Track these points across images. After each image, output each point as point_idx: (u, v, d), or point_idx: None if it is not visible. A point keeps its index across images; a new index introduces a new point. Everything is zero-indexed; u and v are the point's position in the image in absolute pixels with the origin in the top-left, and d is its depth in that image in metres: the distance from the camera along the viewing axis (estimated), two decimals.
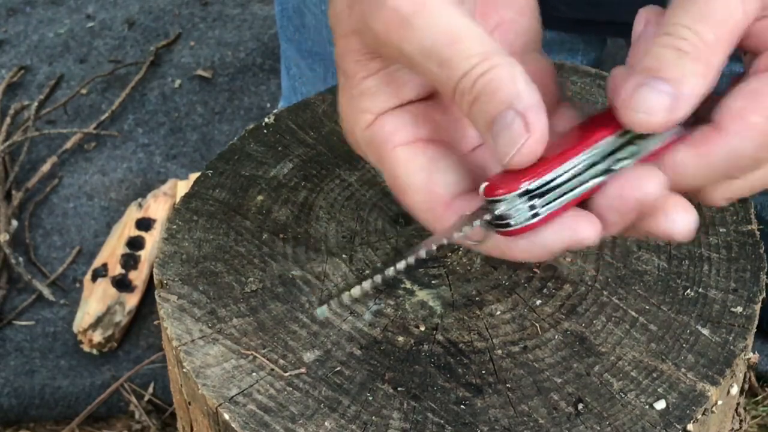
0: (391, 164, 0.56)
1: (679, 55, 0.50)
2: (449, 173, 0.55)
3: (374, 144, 0.56)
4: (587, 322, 0.64)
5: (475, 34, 0.52)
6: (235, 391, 0.61)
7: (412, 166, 0.55)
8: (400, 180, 0.55)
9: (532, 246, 0.53)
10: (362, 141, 0.57)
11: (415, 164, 0.55)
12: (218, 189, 0.74)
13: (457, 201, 0.54)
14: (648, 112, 0.50)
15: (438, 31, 0.51)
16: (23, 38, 2.00)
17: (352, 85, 0.56)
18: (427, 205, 0.55)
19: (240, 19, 2.02)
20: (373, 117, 0.56)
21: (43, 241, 1.63)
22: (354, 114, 0.57)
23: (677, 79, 0.50)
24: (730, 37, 0.51)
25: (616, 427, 0.59)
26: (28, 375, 1.44)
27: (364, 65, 0.56)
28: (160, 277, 0.68)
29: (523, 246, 0.53)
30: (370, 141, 0.56)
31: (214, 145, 1.77)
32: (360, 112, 0.56)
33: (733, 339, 0.63)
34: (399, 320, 0.65)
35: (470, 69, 0.51)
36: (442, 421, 0.60)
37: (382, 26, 0.53)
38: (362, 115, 0.56)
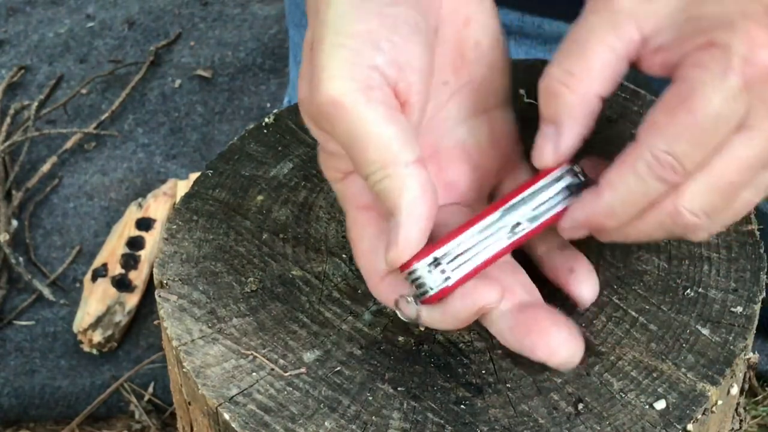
0: (349, 223, 0.62)
1: (549, 96, 0.58)
2: None
3: (342, 198, 0.63)
4: (587, 322, 0.64)
5: (381, 141, 0.56)
6: (235, 391, 0.61)
7: (363, 232, 0.61)
8: (352, 240, 0.62)
9: (444, 316, 0.59)
10: (335, 191, 0.64)
11: (365, 232, 0.61)
12: (218, 189, 0.74)
13: (390, 276, 0.60)
14: (540, 155, 0.59)
15: (351, 134, 0.57)
16: (23, 38, 2.01)
17: (321, 142, 0.62)
18: (367, 273, 0.61)
19: (240, 19, 2.02)
20: (342, 175, 0.62)
21: (43, 241, 1.63)
22: (326, 169, 0.63)
23: (553, 118, 0.58)
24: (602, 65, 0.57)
25: (616, 427, 0.59)
26: (28, 375, 1.44)
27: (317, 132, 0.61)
28: (160, 277, 0.68)
29: (436, 316, 0.59)
30: (340, 194, 0.63)
31: (214, 145, 1.77)
32: (330, 168, 0.63)
33: (733, 339, 0.63)
34: (399, 320, 0.65)
35: (370, 173, 0.57)
36: (442, 421, 0.60)
37: (315, 116, 0.58)
38: (333, 172, 0.63)
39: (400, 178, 0.57)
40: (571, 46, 0.58)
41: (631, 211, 0.57)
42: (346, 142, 0.58)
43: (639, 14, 0.57)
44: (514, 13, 1.01)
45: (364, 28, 0.58)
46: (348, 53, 0.57)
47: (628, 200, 0.57)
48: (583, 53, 0.57)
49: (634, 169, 0.56)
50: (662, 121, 0.55)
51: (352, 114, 0.57)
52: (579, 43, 0.58)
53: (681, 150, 0.54)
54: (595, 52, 0.57)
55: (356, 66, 0.57)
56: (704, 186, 0.56)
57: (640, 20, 0.57)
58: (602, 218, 0.58)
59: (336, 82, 0.57)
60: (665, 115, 0.55)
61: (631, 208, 0.57)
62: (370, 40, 0.58)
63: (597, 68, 0.57)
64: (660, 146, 0.55)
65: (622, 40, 0.57)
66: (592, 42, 0.57)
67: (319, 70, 0.57)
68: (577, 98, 0.58)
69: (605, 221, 0.58)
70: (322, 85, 0.57)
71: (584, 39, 0.57)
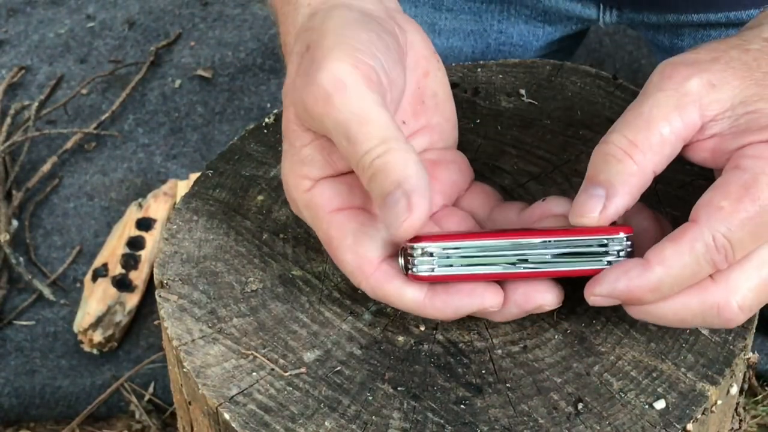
0: (327, 226, 0.62)
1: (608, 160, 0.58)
2: (376, 239, 0.61)
3: (311, 207, 0.63)
4: (587, 322, 0.64)
5: (381, 120, 0.58)
6: (235, 391, 0.61)
7: (344, 229, 0.62)
8: (333, 241, 0.62)
9: (445, 306, 0.60)
10: (300, 202, 0.63)
11: (347, 228, 0.62)
12: (218, 189, 0.74)
13: (383, 264, 0.61)
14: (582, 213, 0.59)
15: (351, 111, 0.58)
16: (24, 38, 2.01)
17: (293, 152, 0.63)
18: (355, 264, 0.61)
19: (240, 19, 2.02)
20: (311, 183, 0.63)
21: (43, 241, 1.63)
22: (294, 178, 0.63)
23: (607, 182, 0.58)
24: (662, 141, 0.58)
25: (616, 426, 0.59)
26: (28, 375, 1.44)
27: (300, 135, 0.62)
28: (161, 277, 0.68)
29: (437, 305, 0.60)
30: (307, 204, 0.63)
31: (214, 145, 1.77)
32: (300, 177, 0.63)
33: (733, 339, 0.63)
34: (399, 320, 0.65)
35: (370, 149, 0.58)
36: (442, 421, 0.60)
37: (311, 100, 0.60)
38: (302, 180, 0.63)
39: (403, 151, 0.58)
40: (636, 119, 0.59)
41: (679, 288, 0.57)
42: (344, 121, 0.58)
43: (704, 100, 0.59)
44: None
45: (365, 37, 0.61)
46: (351, 48, 0.60)
47: (678, 278, 0.57)
48: (648, 127, 0.59)
49: (692, 248, 0.56)
50: (727, 208, 0.56)
51: (354, 92, 0.59)
52: (643, 118, 0.59)
53: (739, 237, 0.56)
54: (658, 129, 0.59)
55: (359, 58, 0.60)
56: (756, 278, 0.57)
57: (704, 106, 0.59)
58: (647, 292, 0.58)
59: (340, 65, 0.59)
60: (730, 201, 0.56)
61: (678, 288, 0.57)
62: (369, 47, 0.61)
63: (658, 144, 0.59)
64: (720, 229, 0.56)
65: (684, 122, 0.59)
66: (657, 118, 0.59)
67: (322, 57, 0.60)
68: (636, 169, 0.59)
69: (648, 295, 0.58)
70: (326, 66, 0.59)
71: (649, 114, 0.59)
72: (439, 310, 0.61)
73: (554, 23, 1.06)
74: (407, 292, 0.61)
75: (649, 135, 0.59)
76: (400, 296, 0.61)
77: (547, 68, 0.81)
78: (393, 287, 0.61)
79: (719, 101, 0.59)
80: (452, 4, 1.06)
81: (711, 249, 0.56)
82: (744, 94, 0.59)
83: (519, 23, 1.06)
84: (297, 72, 0.62)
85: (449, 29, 1.06)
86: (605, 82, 0.79)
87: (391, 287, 0.61)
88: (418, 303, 0.61)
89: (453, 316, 0.61)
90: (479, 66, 0.82)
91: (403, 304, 0.61)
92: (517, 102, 0.79)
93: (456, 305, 0.60)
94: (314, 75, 0.59)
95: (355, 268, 0.61)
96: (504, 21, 1.06)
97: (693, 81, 0.59)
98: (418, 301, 0.61)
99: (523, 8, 1.05)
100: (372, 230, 0.62)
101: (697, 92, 0.59)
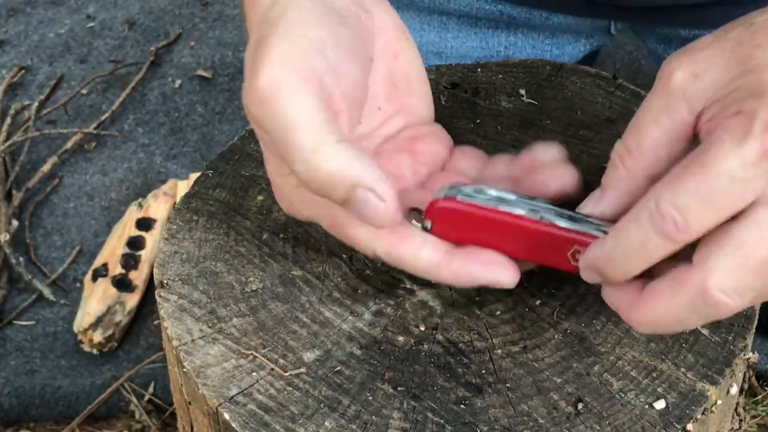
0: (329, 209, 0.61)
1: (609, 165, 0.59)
2: None
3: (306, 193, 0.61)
4: (587, 322, 0.64)
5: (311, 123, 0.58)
6: (235, 391, 0.61)
7: None
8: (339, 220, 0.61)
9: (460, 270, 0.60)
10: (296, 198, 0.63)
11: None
12: (218, 189, 0.74)
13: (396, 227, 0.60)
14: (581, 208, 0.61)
15: (282, 117, 0.58)
16: (24, 38, 2.01)
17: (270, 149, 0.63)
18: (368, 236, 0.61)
19: (240, 19, 2.02)
20: None
21: (43, 241, 1.63)
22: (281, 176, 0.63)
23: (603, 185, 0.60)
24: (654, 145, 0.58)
25: (616, 426, 0.59)
26: (28, 375, 1.44)
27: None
28: (161, 277, 0.68)
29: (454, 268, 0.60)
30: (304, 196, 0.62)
31: (214, 145, 1.77)
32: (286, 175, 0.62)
33: (733, 339, 0.63)
34: (399, 320, 0.65)
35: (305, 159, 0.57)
36: (442, 421, 0.60)
37: (248, 101, 0.60)
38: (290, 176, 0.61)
39: (342, 153, 0.57)
40: (632, 124, 0.59)
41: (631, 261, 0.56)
42: (277, 127, 0.58)
43: (688, 93, 0.57)
44: (521, 6, 1.02)
45: (313, 35, 0.61)
46: (293, 49, 0.60)
47: (627, 249, 0.55)
48: (638, 133, 0.59)
49: (637, 217, 0.55)
50: (672, 175, 0.54)
51: (286, 98, 0.58)
52: (636, 122, 0.59)
53: (685, 204, 0.53)
54: (648, 133, 0.58)
55: (298, 61, 0.59)
56: (733, 262, 0.54)
57: (690, 99, 0.57)
58: (602, 263, 0.57)
59: (276, 69, 0.59)
60: (678, 170, 0.54)
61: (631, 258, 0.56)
62: (316, 46, 0.61)
63: (650, 148, 0.58)
64: (665, 196, 0.53)
65: (674, 121, 0.58)
66: (648, 122, 0.58)
67: (261, 59, 0.60)
68: (626, 174, 0.59)
69: (605, 267, 0.57)
70: (263, 71, 0.59)
71: (641, 118, 0.59)
72: (454, 274, 0.60)
73: (562, 46, 1.05)
74: (423, 252, 0.60)
75: (640, 141, 0.58)
76: (416, 257, 0.60)
77: (547, 68, 0.81)
78: (409, 247, 0.60)
79: (704, 91, 0.57)
80: (458, 31, 1.06)
81: (655, 217, 0.54)
82: (727, 76, 0.57)
83: (526, 47, 1.05)
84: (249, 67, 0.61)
85: (456, 56, 1.06)
86: (605, 82, 0.79)
87: (408, 247, 0.60)
88: (433, 264, 0.60)
89: (466, 283, 0.60)
90: (479, 66, 0.82)
91: (419, 267, 0.60)
92: (517, 102, 0.79)
93: (472, 272, 0.60)
94: (255, 78, 0.59)
95: (369, 238, 0.61)
96: (511, 47, 1.06)
97: (677, 75, 0.58)
98: (434, 262, 0.60)
99: (530, 31, 1.04)
100: None
101: (681, 86, 0.57)
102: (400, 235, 0.61)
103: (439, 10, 1.05)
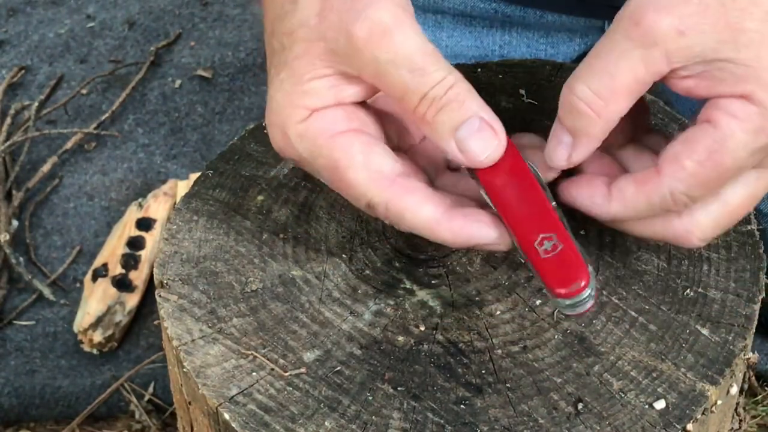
0: (330, 150, 0.61)
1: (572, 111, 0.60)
2: (387, 155, 0.61)
3: (308, 136, 0.61)
4: (587, 321, 0.64)
5: (440, 55, 0.60)
6: (235, 391, 0.61)
7: (351, 149, 0.61)
8: (340, 162, 0.61)
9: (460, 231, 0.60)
10: (294, 134, 0.62)
11: (354, 148, 0.61)
12: (218, 189, 0.74)
13: (398, 178, 0.60)
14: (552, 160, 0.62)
15: (415, 44, 0.59)
16: (24, 38, 2.00)
17: (294, 82, 0.61)
18: (370, 180, 0.60)
19: (240, 19, 2.02)
20: (308, 113, 0.61)
21: (43, 241, 1.63)
22: (290, 108, 0.62)
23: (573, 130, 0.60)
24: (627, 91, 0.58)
25: (616, 426, 0.59)
26: (28, 375, 1.44)
27: (316, 69, 0.61)
28: (161, 277, 0.68)
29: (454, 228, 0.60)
30: (303, 133, 0.61)
31: (214, 145, 1.77)
32: (297, 107, 0.62)
33: (733, 339, 0.63)
34: (399, 320, 0.65)
35: (441, 80, 0.59)
36: (442, 421, 0.60)
37: (364, 34, 0.59)
38: (299, 110, 0.61)
39: (467, 83, 0.60)
40: (599, 65, 0.59)
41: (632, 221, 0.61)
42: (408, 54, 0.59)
43: (671, 48, 0.57)
44: (515, 5, 1.02)
45: None
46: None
47: (633, 215, 0.61)
48: (612, 78, 0.58)
49: (649, 197, 0.59)
50: (689, 168, 0.57)
51: (411, 29, 0.60)
52: (608, 69, 0.58)
53: (698, 194, 0.58)
54: (623, 79, 0.58)
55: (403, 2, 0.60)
56: (717, 216, 0.60)
57: (671, 53, 0.57)
58: (605, 219, 0.62)
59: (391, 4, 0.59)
60: (693, 162, 0.57)
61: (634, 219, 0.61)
62: None
63: (623, 94, 0.58)
64: (680, 188, 0.58)
65: (650, 71, 0.58)
66: (622, 68, 0.58)
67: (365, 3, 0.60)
68: (601, 122, 0.59)
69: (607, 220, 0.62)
70: (378, 4, 0.59)
71: (614, 62, 0.58)
72: (454, 233, 0.60)
73: (557, 45, 1.05)
74: (425, 208, 0.60)
75: (614, 87, 0.58)
76: (417, 211, 0.60)
77: (547, 68, 0.81)
78: (412, 200, 0.60)
79: (688, 48, 0.57)
80: (453, 30, 1.06)
81: (667, 201, 0.59)
82: (715, 40, 0.57)
83: (521, 46, 1.05)
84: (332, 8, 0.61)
85: (450, 55, 1.06)
86: None
87: (410, 200, 0.60)
88: (432, 221, 0.60)
89: (463, 243, 0.60)
90: (479, 66, 0.82)
91: (418, 221, 0.60)
92: (517, 102, 0.79)
93: (471, 233, 0.60)
94: (366, 11, 0.59)
95: (370, 183, 0.60)
96: (506, 46, 1.06)
97: (660, 27, 0.57)
98: (433, 218, 0.60)
99: (525, 30, 1.04)
100: (379, 148, 0.61)
101: (664, 40, 0.57)
102: (404, 187, 0.60)
103: (433, 9, 1.05)
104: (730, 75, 0.57)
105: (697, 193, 0.58)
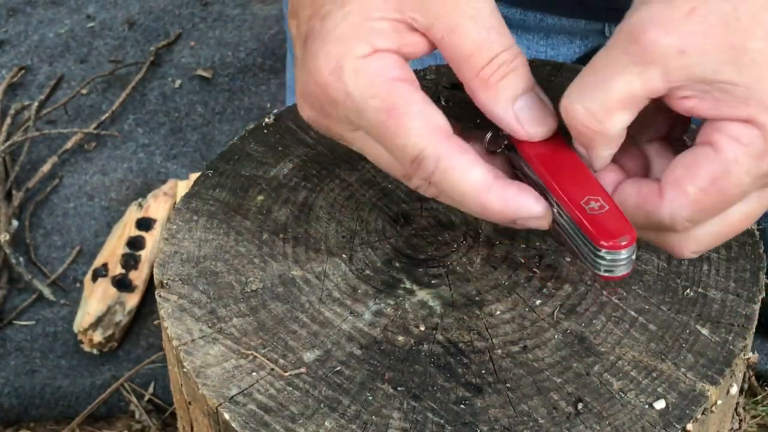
0: (389, 93, 0.58)
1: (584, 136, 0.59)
2: (442, 114, 0.59)
3: (367, 73, 0.59)
4: (587, 321, 0.64)
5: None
6: (235, 391, 0.61)
7: (411, 96, 0.59)
8: (398, 106, 0.58)
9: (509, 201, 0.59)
10: (350, 67, 0.59)
11: (415, 96, 0.59)
12: (218, 189, 0.74)
13: (454, 137, 0.59)
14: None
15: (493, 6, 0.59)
16: (24, 38, 2.01)
17: (365, 17, 0.59)
18: (425, 130, 0.58)
19: (240, 19, 2.02)
20: (371, 50, 0.59)
21: (43, 241, 1.63)
22: (355, 39, 0.59)
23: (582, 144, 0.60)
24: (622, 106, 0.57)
25: (616, 426, 0.59)
26: (28, 375, 1.44)
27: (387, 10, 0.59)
28: (161, 277, 0.68)
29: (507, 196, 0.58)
30: (361, 69, 0.59)
31: (214, 145, 1.77)
32: (361, 41, 0.59)
33: (733, 339, 0.63)
34: (399, 320, 0.65)
35: (511, 45, 0.59)
36: (442, 421, 0.60)
37: None
38: (362, 45, 0.59)
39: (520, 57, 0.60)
40: (595, 81, 0.58)
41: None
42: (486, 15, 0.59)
43: (671, 66, 0.56)
44: (515, 7, 1.02)
45: None
46: None
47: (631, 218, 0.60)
48: (606, 94, 0.57)
49: (648, 217, 0.59)
50: (692, 195, 0.57)
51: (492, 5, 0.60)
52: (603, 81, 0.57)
53: (699, 219, 0.58)
54: (618, 95, 0.57)
55: None
56: (714, 232, 0.60)
57: (671, 73, 0.56)
58: None
59: None
60: (696, 189, 0.57)
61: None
62: None
63: (618, 110, 0.58)
64: (683, 214, 0.58)
65: (646, 87, 0.57)
66: (618, 84, 0.57)
67: None
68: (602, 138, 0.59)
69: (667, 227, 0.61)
70: None
71: (609, 78, 0.57)
72: (505, 201, 0.58)
73: (557, 47, 1.05)
74: (476, 170, 0.58)
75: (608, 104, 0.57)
76: (467, 172, 0.58)
77: (547, 68, 0.81)
78: (464, 161, 0.58)
79: (688, 68, 0.56)
80: None
81: (667, 224, 0.59)
82: (716, 60, 0.55)
83: (521, 48, 1.05)
84: None
85: None
86: None
87: (463, 160, 0.58)
88: (482, 184, 0.58)
89: (510, 213, 0.59)
90: None
91: (466, 184, 0.58)
92: None
93: (521, 203, 0.58)
94: None
95: (426, 134, 0.58)
96: None
97: (660, 45, 0.55)
98: (484, 182, 0.58)
99: (525, 32, 1.04)
100: (434, 105, 0.59)
101: (663, 58, 0.56)
102: (460, 145, 0.59)
103: None
104: (731, 97, 0.56)
105: (699, 219, 0.58)
